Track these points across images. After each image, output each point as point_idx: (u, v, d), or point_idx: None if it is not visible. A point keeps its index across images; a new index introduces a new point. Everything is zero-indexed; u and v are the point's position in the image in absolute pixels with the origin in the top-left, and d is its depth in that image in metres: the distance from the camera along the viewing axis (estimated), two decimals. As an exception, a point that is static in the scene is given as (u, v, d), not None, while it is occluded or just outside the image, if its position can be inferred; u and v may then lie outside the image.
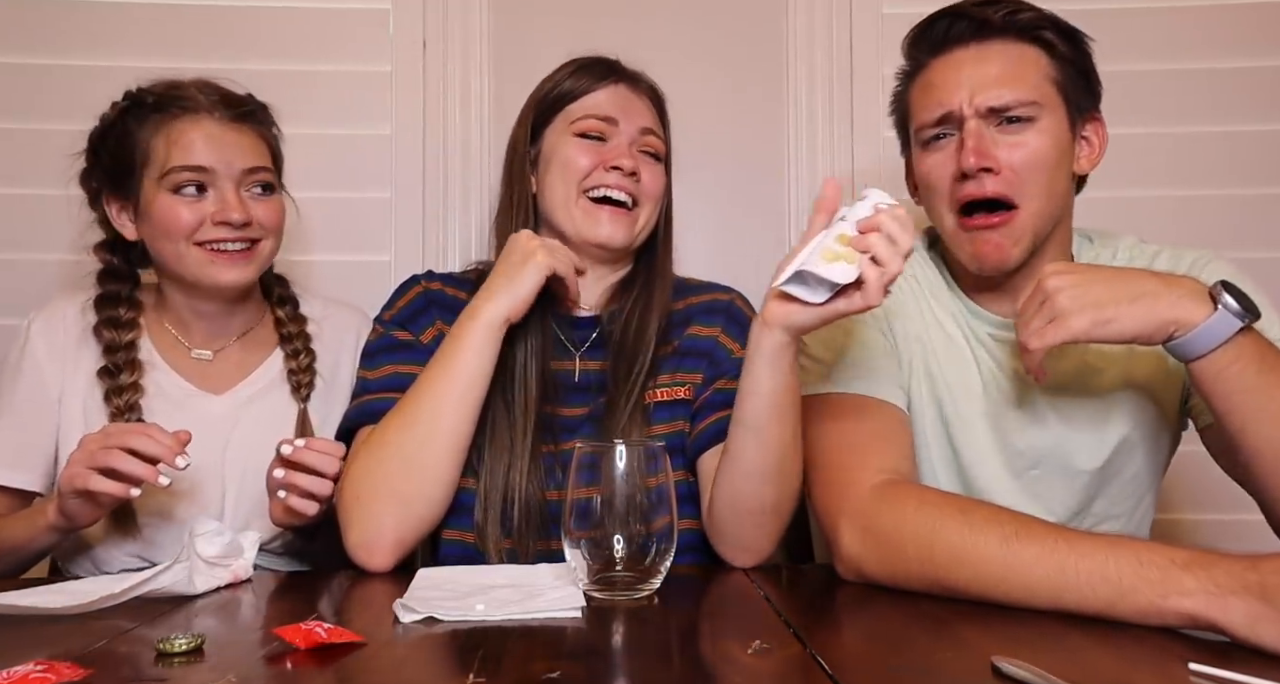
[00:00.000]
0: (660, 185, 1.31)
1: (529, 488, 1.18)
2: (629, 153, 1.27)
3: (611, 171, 1.25)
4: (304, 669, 0.74)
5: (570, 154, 1.27)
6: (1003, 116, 1.11)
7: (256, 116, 1.33)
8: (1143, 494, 1.22)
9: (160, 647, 0.77)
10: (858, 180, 1.79)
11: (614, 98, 1.29)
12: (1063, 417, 1.17)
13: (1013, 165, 1.11)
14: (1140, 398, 1.18)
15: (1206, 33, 1.76)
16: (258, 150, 1.31)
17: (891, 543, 0.98)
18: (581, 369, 1.28)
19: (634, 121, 1.28)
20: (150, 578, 0.96)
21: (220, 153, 1.27)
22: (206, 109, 1.28)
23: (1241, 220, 1.75)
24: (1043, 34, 1.13)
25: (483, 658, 0.74)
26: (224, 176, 1.27)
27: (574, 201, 1.26)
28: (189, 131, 1.26)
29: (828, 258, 0.95)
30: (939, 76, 1.15)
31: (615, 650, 0.81)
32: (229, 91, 1.32)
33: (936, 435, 1.20)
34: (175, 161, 1.25)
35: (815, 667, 0.72)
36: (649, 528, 0.93)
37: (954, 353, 1.20)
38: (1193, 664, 0.71)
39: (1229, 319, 0.96)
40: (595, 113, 1.28)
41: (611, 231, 1.26)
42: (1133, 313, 0.97)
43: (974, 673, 0.70)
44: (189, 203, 1.26)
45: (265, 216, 1.30)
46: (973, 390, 1.19)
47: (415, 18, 1.77)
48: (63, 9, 1.72)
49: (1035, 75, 1.13)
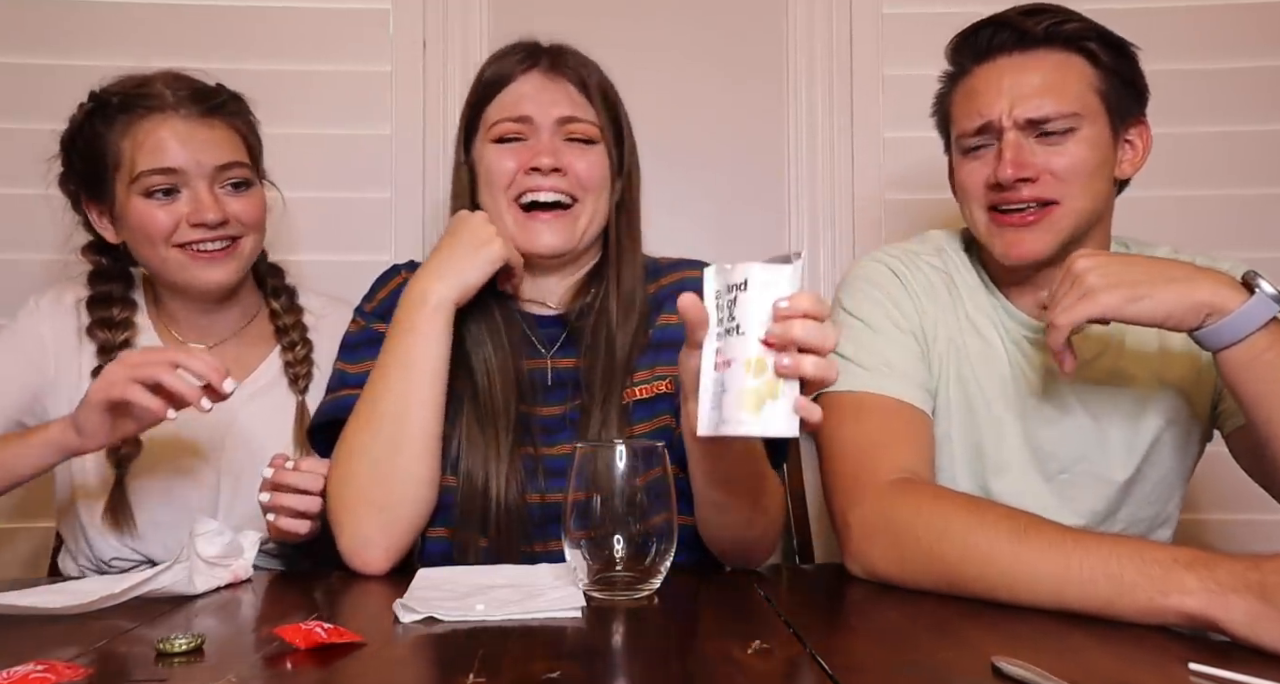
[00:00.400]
0: (598, 170, 1.20)
1: (509, 492, 1.14)
2: (549, 148, 1.17)
3: (532, 174, 1.17)
4: (304, 669, 0.74)
5: (490, 162, 1.20)
6: (1042, 128, 1.11)
7: (227, 108, 1.29)
8: (1169, 498, 1.22)
9: (160, 647, 0.77)
10: (857, 180, 1.79)
11: (527, 90, 1.20)
12: (1095, 419, 1.17)
13: (1051, 170, 1.11)
14: (1173, 398, 1.18)
15: (1207, 33, 1.76)
16: (230, 144, 1.27)
17: (902, 538, 0.98)
18: (554, 368, 1.23)
19: (550, 113, 1.18)
20: (150, 578, 0.96)
21: (190, 152, 1.23)
22: (173, 106, 1.24)
23: (1241, 220, 1.75)
24: (1087, 44, 1.12)
25: (483, 658, 0.74)
26: (196, 176, 1.24)
27: (506, 212, 1.19)
28: (155, 132, 1.23)
29: (751, 405, 0.78)
30: (980, 84, 1.14)
31: (615, 651, 0.81)
32: (197, 84, 1.28)
33: (964, 439, 1.19)
34: (144, 165, 1.22)
35: (815, 667, 0.72)
36: (648, 527, 0.93)
37: (988, 355, 1.19)
38: (1193, 664, 0.71)
39: (1266, 303, 0.96)
40: (507, 114, 1.20)
41: (549, 239, 1.18)
42: (1166, 292, 0.97)
43: (974, 673, 0.70)
44: (162, 206, 1.23)
45: (243, 212, 1.27)
46: (1005, 393, 1.18)
47: (415, 18, 1.77)
48: (63, 9, 1.72)
49: (1077, 85, 1.12)
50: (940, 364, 1.19)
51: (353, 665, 0.75)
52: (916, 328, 1.19)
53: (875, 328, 1.17)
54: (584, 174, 1.19)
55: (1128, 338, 1.18)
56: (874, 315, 1.18)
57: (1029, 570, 0.88)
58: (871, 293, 1.20)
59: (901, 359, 1.16)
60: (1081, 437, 1.17)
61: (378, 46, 1.77)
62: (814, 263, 1.79)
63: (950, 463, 1.19)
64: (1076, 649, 0.77)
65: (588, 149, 1.20)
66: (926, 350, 1.19)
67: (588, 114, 1.21)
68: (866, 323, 1.18)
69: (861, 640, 0.86)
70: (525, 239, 1.18)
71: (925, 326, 1.19)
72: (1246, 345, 0.96)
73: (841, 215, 1.79)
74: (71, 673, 0.70)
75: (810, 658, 0.74)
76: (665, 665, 0.75)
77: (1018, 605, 0.89)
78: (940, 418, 1.19)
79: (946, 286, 1.22)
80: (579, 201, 1.20)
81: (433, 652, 0.80)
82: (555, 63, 1.22)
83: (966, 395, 1.19)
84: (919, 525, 0.97)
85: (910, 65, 1.76)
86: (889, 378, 1.14)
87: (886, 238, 1.77)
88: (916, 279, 1.21)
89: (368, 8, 1.77)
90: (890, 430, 1.11)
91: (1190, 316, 0.97)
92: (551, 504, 1.15)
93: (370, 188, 1.77)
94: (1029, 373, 1.18)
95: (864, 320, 1.18)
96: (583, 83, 1.22)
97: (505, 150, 1.19)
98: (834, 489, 1.09)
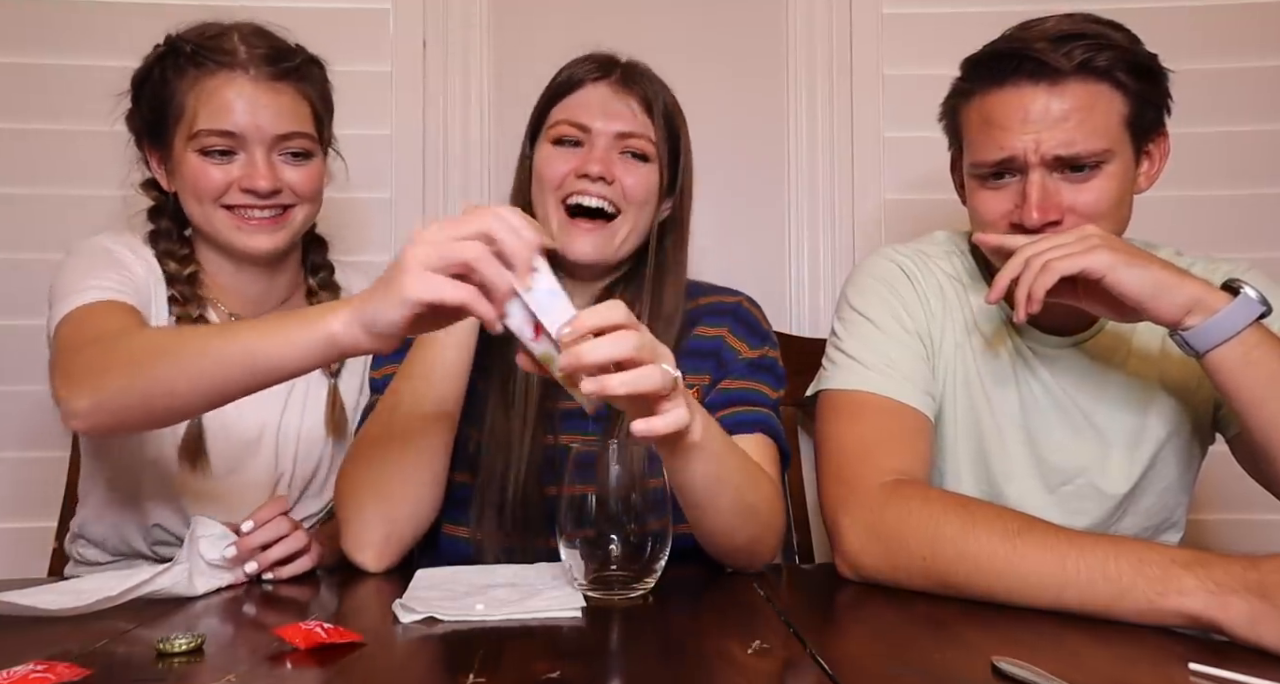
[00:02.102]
0: (646, 187, 1.23)
1: (528, 483, 1.16)
2: (603, 158, 1.20)
3: (582, 179, 1.20)
4: (304, 669, 0.74)
5: (545, 162, 1.23)
6: (1070, 164, 1.06)
7: (300, 73, 1.24)
8: (1174, 506, 1.21)
9: (160, 647, 0.77)
10: (857, 180, 1.79)
11: (594, 99, 1.23)
12: (1098, 431, 1.17)
13: (1077, 211, 1.06)
14: (1176, 409, 1.17)
15: (1207, 33, 1.76)
16: (296, 113, 1.23)
17: (894, 538, 0.98)
18: None
19: (611, 124, 1.21)
20: (150, 579, 0.96)
21: (253, 117, 1.19)
22: (243, 65, 1.19)
23: (1241, 220, 1.75)
24: (1117, 75, 1.06)
25: (483, 658, 0.74)
26: (255, 141, 1.20)
27: (553, 213, 1.21)
28: (221, 90, 1.19)
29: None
30: (1001, 113, 1.07)
31: (615, 650, 0.81)
32: (276, 42, 1.23)
33: (969, 446, 1.19)
34: (203, 124, 1.19)
35: (815, 667, 0.72)
36: (644, 527, 0.93)
37: (994, 364, 1.18)
38: (1193, 664, 0.71)
39: (1251, 304, 0.97)
40: (569, 118, 1.22)
41: (586, 248, 1.20)
42: (1161, 271, 0.98)
43: (974, 673, 0.70)
44: (217, 165, 1.20)
45: (299, 183, 1.24)
46: (1010, 402, 1.18)
47: (415, 18, 1.77)
48: (63, 9, 1.72)
49: (1106, 119, 1.06)
50: (946, 370, 1.18)
51: (353, 665, 0.75)
52: (923, 330, 1.18)
53: (881, 327, 1.16)
54: (630, 188, 1.21)
55: (1134, 345, 1.17)
56: (881, 315, 1.17)
57: (1024, 574, 0.88)
58: (880, 290, 1.19)
59: (905, 360, 1.15)
60: (1084, 448, 1.17)
61: (378, 46, 1.77)
62: (814, 263, 1.80)
63: (957, 470, 1.19)
64: (1076, 649, 0.77)
65: (640, 165, 1.23)
66: (931, 354, 1.18)
67: (646, 131, 1.23)
68: (873, 322, 1.17)
69: (862, 640, 0.86)
70: (566, 242, 1.20)
71: (932, 330, 1.18)
72: (1237, 342, 0.96)
73: (841, 215, 1.79)
74: (71, 673, 0.70)
75: (810, 658, 0.74)
76: (665, 665, 0.75)
77: (1014, 606, 0.89)
78: (947, 425, 1.19)
79: (955, 292, 1.21)
80: (621, 213, 1.22)
81: (433, 652, 0.80)
82: (626, 78, 1.24)
83: (972, 403, 1.18)
84: (910, 527, 0.97)
85: (910, 65, 1.76)
86: (891, 379, 1.13)
87: (886, 238, 1.77)
88: (927, 281, 1.20)
89: (368, 8, 1.77)
90: (886, 432, 1.10)
91: (1177, 301, 0.97)
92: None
93: (370, 188, 1.77)
94: (1034, 384, 1.18)
95: (870, 319, 1.17)
96: (647, 100, 1.24)
97: (560, 153, 1.22)
98: (826, 490, 1.09)
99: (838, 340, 1.18)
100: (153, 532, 1.28)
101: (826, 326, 1.75)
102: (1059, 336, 1.17)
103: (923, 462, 1.10)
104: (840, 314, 1.22)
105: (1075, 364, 1.17)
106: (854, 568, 1.02)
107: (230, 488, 1.25)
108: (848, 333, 1.18)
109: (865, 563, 1.00)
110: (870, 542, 1.00)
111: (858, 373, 1.14)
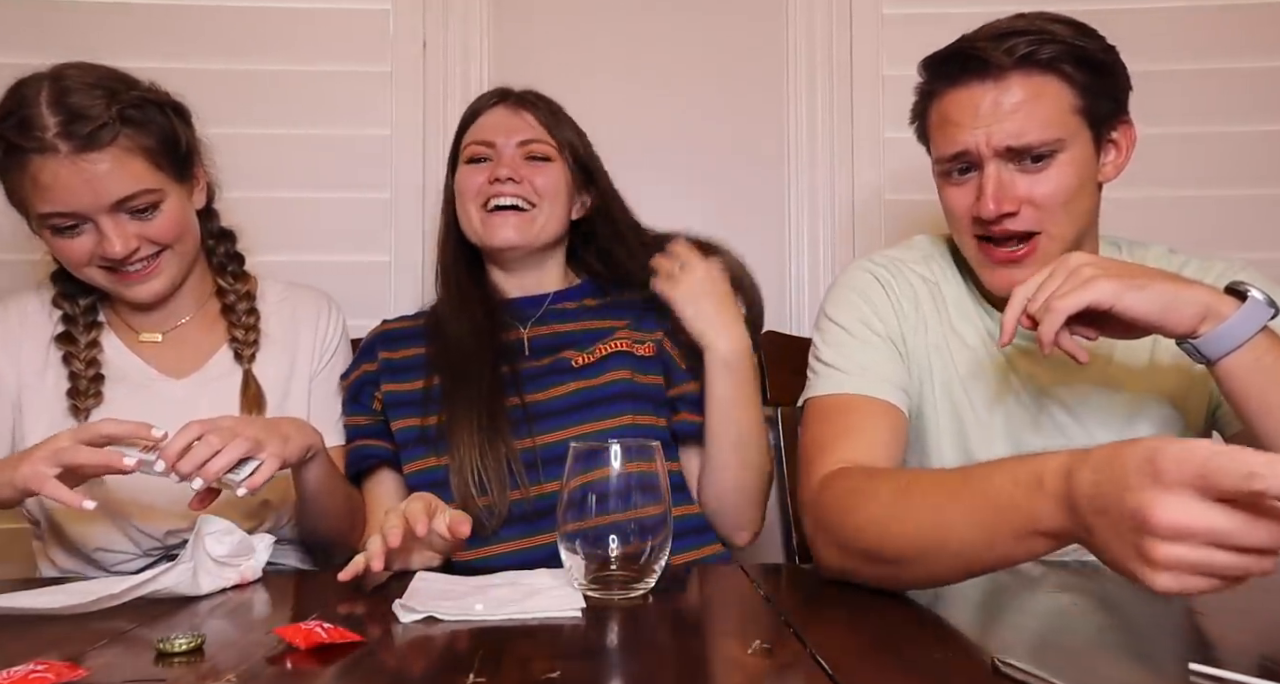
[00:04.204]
0: (554, 182, 1.40)
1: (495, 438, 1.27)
2: (510, 163, 1.38)
3: (495, 184, 1.38)
4: (304, 669, 0.74)
5: (463, 179, 1.41)
6: (1022, 155, 1.08)
7: (117, 130, 1.16)
8: None
9: (160, 647, 0.77)
10: (857, 180, 1.79)
11: (495, 120, 1.42)
12: (1085, 429, 1.16)
13: (1034, 201, 1.08)
14: (1165, 409, 1.17)
15: (1208, 33, 1.76)
16: (126, 174, 1.17)
17: (830, 530, 0.97)
18: (531, 336, 1.40)
19: (512, 137, 1.40)
20: (152, 578, 0.96)
21: (81, 193, 1.15)
22: (53, 146, 1.13)
23: (1242, 220, 1.75)
24: (1062, 67, 1.08)
25: (483, 658, 0.74)
26: (95, 212, 1.17)
27: (475, 217, 1.39)
28: (41, 175, 1.14)
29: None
30: (954, 111, 1.11)
31: (615, 650, 0.81)
32: (84, 102, 1.14)
33: (955, 448, 1.19)
34: (40, 208, 1.17)
35: (815, 667, 0.72)
36: (643, 526, 0.93)
37: (975, 366, 1.19)
38: (1193, 664, 0.71)
39: (1261, 308, 0.95)
40: (476, 139, 1.42)
41: (507, 233, 1.37)
42: (1164, 285, 0.95)
43: (974, 673, 0.70)
44: (70, 239, 1.19)
45: (156, 233, 1.22)
46: (992, 403, 1.18)
47: (415, 18, 1.77)
48: (63, 9, 1.72)
49: (1055, 110, 1.08)
50: (922, 372, 1.19)
51: (353, 665, 0.75)
52: (895, 333, 1.19)
53: (853, 333, 1.18)
54: (540, 185, 1.39)
55: (1117, 348, 1.17)
56: (852, 322, 1.19)
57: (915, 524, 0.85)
58: (852, 299, 1.21)
59: (878, 362, 1.16)
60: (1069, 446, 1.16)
61: (377, 46, 1.77)
62: (814, 263, 1.80)
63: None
64: (1076, 649, 0.77)
65: (544, 164, 1.41)
66: (905, 355, 1.19)
67: (543, 136, 1.42)
68: (845, 328, 1.19)
69: (862, 641, 0.86)
70: (489, 234, 1.38)
71: (905, 332, 1.20)
72: (1249, 348, 0.95)
73: (841, 215, 1.79)
74: (71, 673, 0.70)
75: (810, 658, 0.74)
76: (665, 665, 0.75)
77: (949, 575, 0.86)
78: (930, 428, 1.19)
79: (931, 295, 1.22)
80: (536, 207, 1.39)
81: (433, 652, 0.80)
82: (519, 99, 1.44)
83: (954, 405, 1.19)
84: (835, 515, 0.96)
85: (910, 65, 1.73)
86: (864, 379, 1.14)
87: (886, 238, 1.77)
88: (900, 286, 1.22)
89: (368, 8, 1.77)
90: (845, 427, 1.09)
91: (1188, 313, 0.94)
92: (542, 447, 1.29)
93: (370, 188, 1.77)
94: (1016, 383, 1.18)
95: (843, 326, 1.19)
96: (540, 112, 1.43)
97: (474, 169, 1.41)
98: (796, 491, 1.09)
99: (816, 351, 1.20)
100: (96, 555, 1.29)
101: (826, 327, 1.77)
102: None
103: (876, 446, 1.08)
104: (818, 325, 1.25)
105: (1054, 364, 1.16)
106: (817, 563, 1.02)
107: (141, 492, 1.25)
108: (824, 342, 1.20)
109: (819, 553, 1.00)
110: (817, 533, 1.00)
111: (834, 379, 1.15)
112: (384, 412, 1.37)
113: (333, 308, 1.44)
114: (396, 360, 1.40)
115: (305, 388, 1.37)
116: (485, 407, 1.29)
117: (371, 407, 1.38)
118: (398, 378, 1.38)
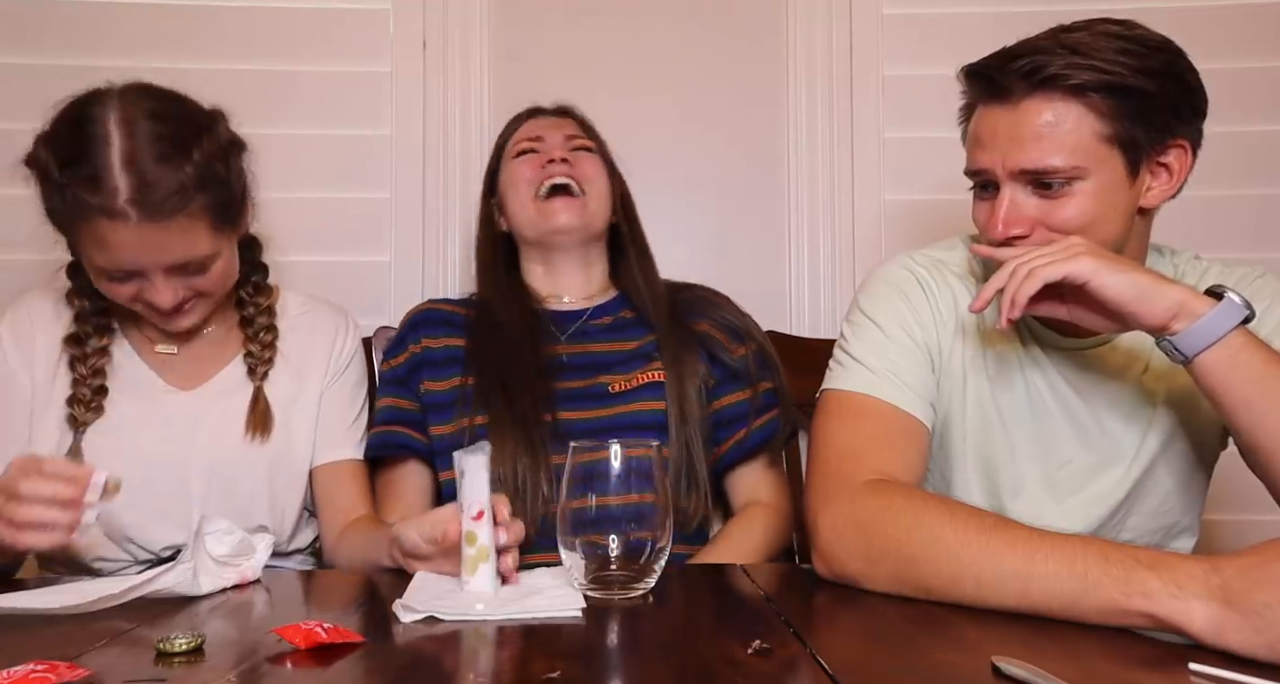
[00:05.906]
0: (598, 169, 1.47)
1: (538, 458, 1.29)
2: (560, 150, 1.45)
3: (548, 165, 1.43)
4: (304, 669, 0.74)
5: (515, 171, 1.46)
6: (1039, 180, 1.06)
7: (188, 195, 1.15)
8: (1183, 511, 1.20)
9: (160, 647, 0.77)
10: (857, 180, 1.79)
11: (537, 123, 1.51)
12: (1105, 433, 1.16)
13: (1049, 225, 1.07)
14: (1177, 413, 1.16)
15: (1207, 33, 1.76)
16: (188, 240, 1.18)
17: (870, 534, 0.97)
18: (567, 352, 1.42)
19: (557, 133, 1.48)
20: (153, 578, 0.96)
21: (144, 257, 1.16)
22: (124, 213, 1.12)
23: (1242, 220, 1.75)
24: (1088, 94, 1.04)
25: (483, 658, 0.74)
26: (151, 270, 1.18)
27: (530, 205, 1.43)
28: (109, 234, 1.14)
29: (469, 568, 0.96)
30: (979, 128, 1.11)
31: (615, 650, 0.81)
32: (155, 176, 1.13)
33: (980, 458, 1.18)
34: (97, 262, 1.18)
35: (815, 667, 0.72)
36: (642, 526, 0.93)
37: (1005, 377, 1.17)
38: (1193, 664, 0.71)
39: (1236, 308, 0.97)
40: (524, 136, 1.49)
41: (565, 218, 1.41)
42: (1144, 276, 0.98)
43: (974, 673, 0.70)
44: (119, 284, 1.20)
45: (208, 285, 1.24)
46: (1021, 414, 1.17)
47: (415, 18, 1.77)
48: (63, 9, 1.72)
49: (1076, 137, 1.04)
50: (953, 383, 1.17)
51: (353, 665, 0.75)
52: (932, 341, 1.17)
53: (889, 333, 1.16)
54: (588, 169, 1.46)
55: (1152, 359, 1.15)
56: (889, 321, 1.17)
57: (994, 566, 0.87)
58: (891, 297, 1.18)
59: (909, 369, 1.14)
60: (1088, 453, 1.16)
61: (378, 46, 1.77)
62: (814, 263, 1.80)
63: (965, 482, 1.18)
64: (1076, 649, 0.77)
65: (586, 154, 1.48)
66: (937, 366, 1.17)
67: (583, 134, 1.51)
68: (881, 327, 1.16)
69: (862, 641, 0.86)
70: (546, 219, 1.42)
71: (941, 341, 1.17)
72: (1223, 346, 0.96)
73: (841, 216, 1.79)
74: (71, 673, 0.70)
75: (810, 658, 0.74)
76: (665, 665, 0.75)
77: (983, 606, 0.88)
78: (956, 437, 1.18)
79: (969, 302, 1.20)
80: (586, 193, 1.44)
81: (433, 652, 0.80)
82: (556, 110, 1.54)
83: (984, 415, 1.17)
84: (888, 521, 0.96)
85: (910, 65, 1.77)
86: (893, 384, 1.12)
87: (886, 238, 1.77)
88: (941, 292, 1.19)
89: (368, 8, 1.77)
90: (878, 436, 1.09)
91: (1160, 306, 0.97)
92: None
93: (370, 188, 1.77)
94: (1046, 395, 1.17)
95: (879, 324, 1.17)
96: (576, 119, 1.53)
97: (525, 160, 1.46)
98: (811, 488, 1.08)
99: (845, 342, 1.18)
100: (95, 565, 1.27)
101: (826, 327, 1.77)
102: (1075, 338, 1.17)
103: (911, 466, 1.10)
104: (850, 317, 1.22)
105: (1087, 367, 1.16)
106: (829, 565, 1.01)
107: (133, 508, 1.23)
108: (855, 336, 1.17)
109: (841, 559, 0.99)
110: (848, 530, 0.99)
111: (861, 375, 1.13)
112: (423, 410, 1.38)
113: (350, 326, 1.43)
114: (436, 350, 1.41)
115: (313, 404, 1.36)
116: (523, 421, 1.30)
117: (418, 390, 1.39)
118: (436, 373, 1.39)
